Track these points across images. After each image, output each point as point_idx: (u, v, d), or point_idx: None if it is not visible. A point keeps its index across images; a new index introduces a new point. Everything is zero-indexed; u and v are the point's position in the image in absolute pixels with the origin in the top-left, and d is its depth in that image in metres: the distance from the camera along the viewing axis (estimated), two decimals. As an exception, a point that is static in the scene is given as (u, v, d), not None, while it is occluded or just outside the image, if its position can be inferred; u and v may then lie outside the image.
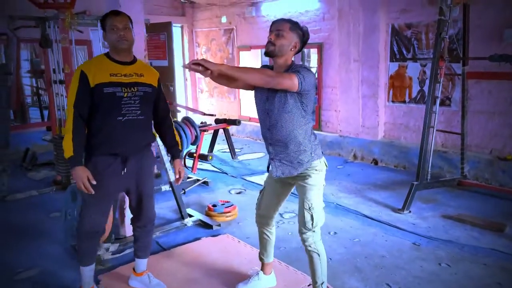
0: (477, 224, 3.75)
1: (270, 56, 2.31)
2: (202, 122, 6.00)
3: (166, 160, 3.85)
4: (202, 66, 2.05)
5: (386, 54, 5.78)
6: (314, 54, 8.19)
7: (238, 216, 4.07)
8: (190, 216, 3.98)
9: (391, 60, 5.76)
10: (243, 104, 8.11)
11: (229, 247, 3.44)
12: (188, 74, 8.93)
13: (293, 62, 2.35)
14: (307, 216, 2.37)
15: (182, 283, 2.89)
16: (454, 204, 4.29)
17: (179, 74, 8.16)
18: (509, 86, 4.64)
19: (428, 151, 4.29)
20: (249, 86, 2.45)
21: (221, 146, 6.96)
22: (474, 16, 4.52)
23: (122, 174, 2.46)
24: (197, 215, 4.02)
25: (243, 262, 3.16)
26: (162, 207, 4.29)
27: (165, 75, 6.68)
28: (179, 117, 5.97)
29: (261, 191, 2.67)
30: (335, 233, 3.68)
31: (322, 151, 2.48)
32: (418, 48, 5.45)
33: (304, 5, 6.71)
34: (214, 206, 4.08)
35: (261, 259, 2.79)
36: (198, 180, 5.13)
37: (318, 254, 2.43)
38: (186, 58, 8.95)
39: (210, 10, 8.40)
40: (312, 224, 2.37)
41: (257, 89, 2.41)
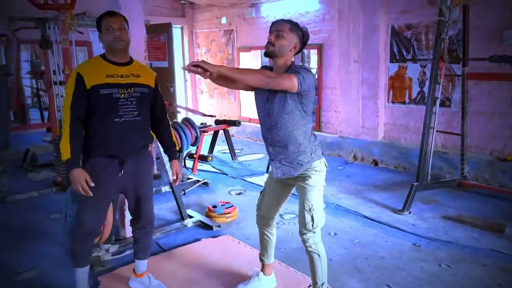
0: (477, 225, 3.75)
1: (270, 56, 2.31)
2: (202, 123, 6.01)
3: (167, 161, 3.84)
4: (201, 67, 2.05)
5: (386, 55, 5.78)
6: (314, 55, 8.21)
7: (238, 217, 4.07)
8: (190, 217, 3.98)
9: (391, 61, 5.76)
10: (243, 105, 8.10)
11: (229, 248, 3.44)
12: (188, 75, 8.91)
13: (293, 62, 2.35)
14: (308, 217, 2.37)
15: (182, 284, 2.89)
16: (454, 205, 4.29)
17: (179, 75, 8.16)
18: (509, 87, 4.64)
19: (428, 152, 4.29)
20: (249, 87, 2.45)
21: (221, 147, 6.96)
22: (474, 17, 4.52)
23: (120, 175, 2.45)
24: (197, 216, 4.02)
25: (243, 263, 3.16)
26: (162, 208, 4.29)
27: (165, 76, 6.69)
28: (179, 118, 5.95)
29: (261, 192, 2.67)
30: (335, 234, 3.68)
31: (322, 152, 2.48)
32: (418, 49, 5.45)
33: (304, 6, 6.72)
34: (214, 207, 4.08)
35: (261, 260, 2.79)
36: (198, 181, 5.12)
37: (319, 255, 2.43)
38: (186, 59, 8.95)
39: (210, 11, 8.41)
40: (312, 225, 2.37)
41: (257, 90, 2.41)
